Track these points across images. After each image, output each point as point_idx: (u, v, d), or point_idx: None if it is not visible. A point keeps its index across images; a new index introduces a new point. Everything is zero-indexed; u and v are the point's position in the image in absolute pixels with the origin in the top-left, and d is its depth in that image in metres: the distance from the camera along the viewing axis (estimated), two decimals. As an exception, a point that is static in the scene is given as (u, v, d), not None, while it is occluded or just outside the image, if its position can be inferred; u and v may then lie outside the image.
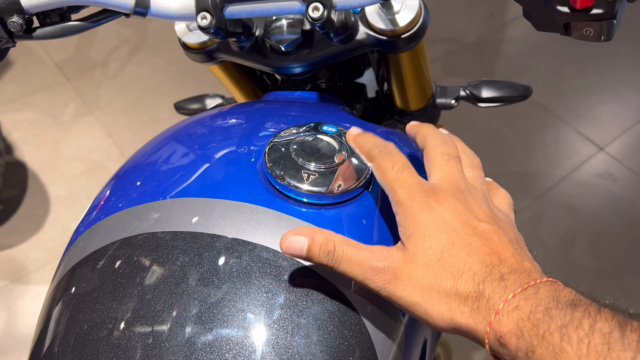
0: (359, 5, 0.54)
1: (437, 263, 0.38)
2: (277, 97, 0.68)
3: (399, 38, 0.63)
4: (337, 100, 0.69)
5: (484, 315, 0.35)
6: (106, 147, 1.89)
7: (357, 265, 0.39)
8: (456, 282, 0.36)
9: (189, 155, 0.56)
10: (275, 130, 0.56)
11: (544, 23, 0.43)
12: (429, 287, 0.37)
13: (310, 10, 0.52)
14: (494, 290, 0.35)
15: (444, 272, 0.37)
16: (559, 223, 1.71)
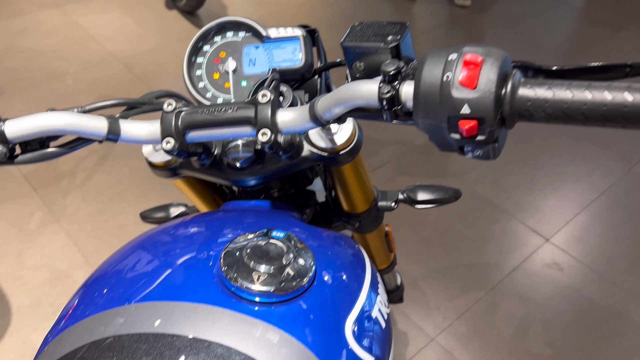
0: (301, 130, 0.64)
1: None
2: (234, 207, 0.77)
3: (337, 154, 0.73)
4: (288, 207, 0.78)
5: None
6: (71, 255, 1.91)
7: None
8: None
9: (152, 263, 0.63)
10: (231, 237, 0.64)
11: (444, 146, 0.53)
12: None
13: (259, 135, 0.62)
14: None
15: None
16: (513, 313, 1.78)
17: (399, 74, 0.53)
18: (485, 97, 0.48)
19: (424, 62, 0.51)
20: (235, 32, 0.84)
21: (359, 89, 0.57)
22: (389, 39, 0.57)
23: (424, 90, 0.50)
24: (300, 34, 0.81)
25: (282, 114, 0.64)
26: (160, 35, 3.02)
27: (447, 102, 0.49)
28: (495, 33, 3.11)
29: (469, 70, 0.48)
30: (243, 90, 0.82)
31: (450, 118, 0.50)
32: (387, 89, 0.53)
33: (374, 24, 0.60)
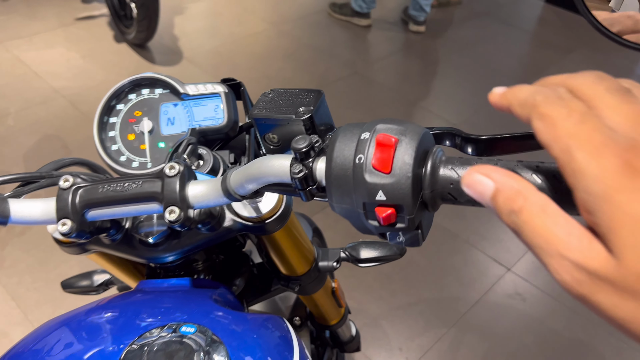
0: (215, 205, 0.57)
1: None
2: (149, 288, 0.69)
3: (264, 223, 0.67)
4: (213, 283, 0.71)
5: None
6: (9, 311, 1.78)
7: (542, 242, 0.28)
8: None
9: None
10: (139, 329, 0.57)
11: (365, 230, 0.47)
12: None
13: (166, 213, 0.55)
14: None
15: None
16: (476, 348, 1.73)
17: (311, 150, 0.47)
18: (401, 183, 0.42)
19: (335, 141, 0.46)
20: (151, 89, 0.77)
21: (270, 165, 0.50)
22: (300, 110, 0.51)
23: (335, 173, 0.45)
24: (222, 91, 0.75)
25: (193, 187, 0.57)
26: (109, 69, 2.92)
27: (361, 187, 0.43)
28: (450, 58, 3.12)
29: (382, 152, 0.42)
30: (161, 152, 0.75)
31: (365, 204, 0.44)
32: (299, 168, 0.47)
33: (287, 92, 0.54)
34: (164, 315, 0.60)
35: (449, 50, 3.20)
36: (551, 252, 0.27)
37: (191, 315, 0.59)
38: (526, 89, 0.32)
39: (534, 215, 0.28)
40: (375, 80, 2.91)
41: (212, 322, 0.58)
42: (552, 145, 0.28)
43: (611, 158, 0.25)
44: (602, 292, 0.25)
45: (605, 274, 0.25)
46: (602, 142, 0.26)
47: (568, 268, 0.26)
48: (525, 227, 0.29)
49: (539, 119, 0.29)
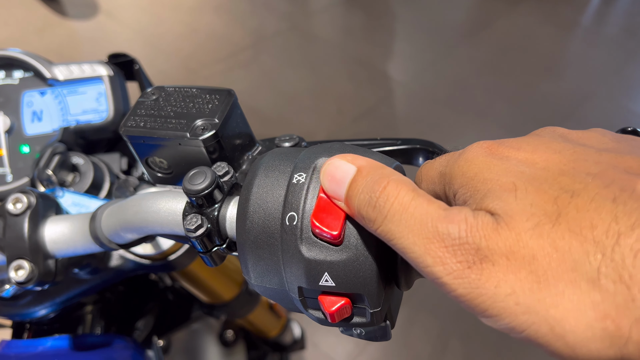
0: (85, 252, 0.39)
1: (559, 223, 0.20)
2: (17, 352, 0.50)
3: (167, 260, 0.49)
4: (102, 338, 0.53)
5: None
6: None
7: (414, 223, 0.22)
8: (605, 250, 0.18)
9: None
10: None
11: (304, 314, 0.31)
12: (554, 270, 0.19)
13: (11, 271, 0.37)
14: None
15: (577, 236, 0.19)
16: (430, 328, 1.64)
17: (216, 191, 0.30)
18: (359, 262, 0.26)
19: (253, 183, 0.28)
20: (7, 72, 0.56)
21: (153, 211, 0.33)
22: (198, 124, 0.33)
23: (253, 238, 0.27)
24: (105, 74, 0.55)
25: (51, 229, 0.39)
26: (12, 26, 2.56)
27: (294, 265, 0.26)
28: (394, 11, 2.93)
29: (327, 209, 0.26)
30: (25, 159, 0.55)
31: (302, 289, 0.27)
32: (197, 222, 0.29)
33: (179, 93, 0.35)
34: None
35: (393, 3, 3.00)
36: (428, 233, 0.22)
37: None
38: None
39: (403, 194, 0.23)
40: (317, 35, 2.68)
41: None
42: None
43: (479, 150, 0.24)
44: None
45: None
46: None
47: (455, 250, 0.21)
48: (390, 211, 0.23)
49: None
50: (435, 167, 0.27)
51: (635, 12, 2.93)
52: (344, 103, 2.24)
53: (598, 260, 0.18)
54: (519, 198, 0.21)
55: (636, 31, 2.76)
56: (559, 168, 0.22)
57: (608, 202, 0.19)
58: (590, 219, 0.19)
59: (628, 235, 0.18)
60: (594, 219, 0.19)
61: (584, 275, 0.19)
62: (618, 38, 2.72)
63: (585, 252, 0.19)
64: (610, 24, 2.85)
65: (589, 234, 0.19)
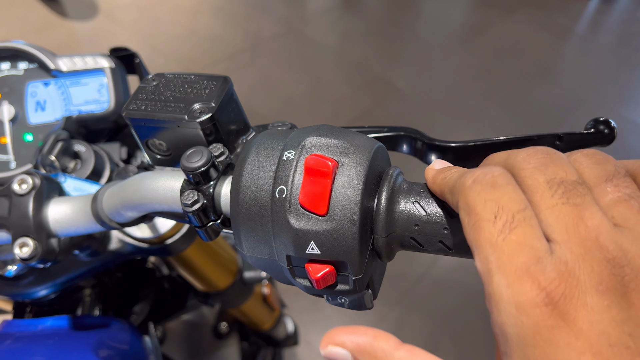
0: (86, 232, 0.41)
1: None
2: (16, 331, 0.52)
3: (164, 244, 0.51)
4: (100, 320, 0.55)
5: None
6: None
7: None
8: None
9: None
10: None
11: (291, 284, 0.33)
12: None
13: (16, 247, 0.39)
14: None
15: None
16: (421, 327, 1.66)
17: (212, 169, 0.32)
18: (343, 231, 0.28)
19: (246, 160, 0.30)
20: (13, 64, 0.58)
21: (152, 188, 0.35)
22: (196, 107, 0.35)
23: (245, 210, 0.30)
24: (107, 66, 0.57)
25: (55, 209, 0.41)
26: (12, 25, 2.58)
27: (283, 234, 0.28)
28: (391, 16, 2.96)
29: (313, 183, 0.28)
30: (28, 147, 0.57)
31: (291, 258, 0.29)
32: (193, 197, 0.31)
33: (178, 79, 0.38)
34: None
35: (390, 8, 3.04)
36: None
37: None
38: (456, 171, 0.26)
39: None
40: (313, 39, 2.71)
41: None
42: (474, 251, 0.22)
43: (531, 290, 0.19)
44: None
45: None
46: (525, 265, 0.20)
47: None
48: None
49: (464, 210, 0.23)
50: (447, 184, 0.26)
51: (628, 20, 2.97)
52: (339, 106, 2.27)
53: None
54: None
55: (629, 39, 2.79)
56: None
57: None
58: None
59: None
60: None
61: None
62: (612, 46, 2.76)
63: None
64: (604, 32, 2.89)
65: None
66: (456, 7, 3.09)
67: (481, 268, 0.22)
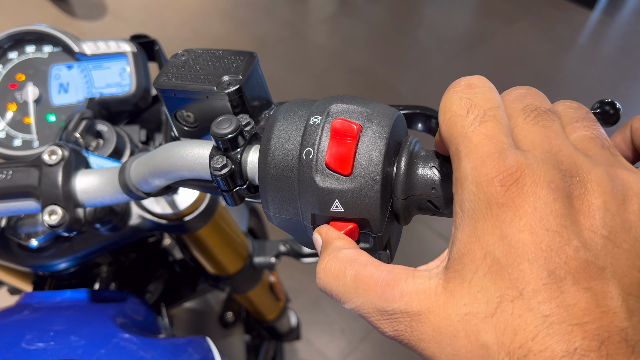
0: (111, 202, 0.43)
1: (485, 325, 0.21)
2: (37, 302, 0.54)
3: (182, 221, 0.53)
4: (118, 294, 0.56)
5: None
6: None
7: (359, 304, 0.25)
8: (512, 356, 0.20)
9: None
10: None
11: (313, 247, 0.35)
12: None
13: (45, 215, 0.40)
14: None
15: (498, 344, 0.21)
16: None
17: (240, 137, 0.34)
18: (366, 190, 0.29)
19: (274, 125, 0.32)
20: (38, 47, 0.60)
21: (182, 155, 0.37)
22: (225, 79, 0.37)
23: (273, 172, 0.32)
24: (129, 50, 0.59)
25: (82, 180, 0.42)
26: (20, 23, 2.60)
27: (310, 194, 0.30)
28: (395, 23, 3.00)
29: (339, 145, 0.30)
30: (51, 127, 0.59)
31: (315, 217, 0.31)
32: (222, 162, 0.33)
33: (207, 54, 0.40)
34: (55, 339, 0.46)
35: (393, 15, 3.07)
36: (373, 308, 0.25)
37: (86, 344, 0.45)
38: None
39: (350, 271, 0.26)
40: (318, 43, 2.75)
41: (111, 354, 0.45)
42: (448, 145, 0.25)
43: (491, 171, 0.22)
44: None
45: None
46: (490, 152, 0.22)
47: (392, 322, 0.24)
48: (347, 292, 0.26)
49: (441, 112, 0.26)
50: (451, 132, 0.27)
51: (630, 32, 3.01)
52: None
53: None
54: (477, 273, 0.22)
55: (631, 51, 2.83)
56: (533, 253, 0.21)
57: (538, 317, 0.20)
58: (514, 329, 0.20)
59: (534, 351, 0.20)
60: (516, 328, 0.20)
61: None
62: (613, 57, 2.79)
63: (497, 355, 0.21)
64: (605, 43, 2.93)
65: (507, 341, 0.20)
66: (458, 16, 3.13)
67: (452, 157, 0.24)
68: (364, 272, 0.26)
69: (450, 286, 0.23)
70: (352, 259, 0.27)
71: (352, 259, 0.27)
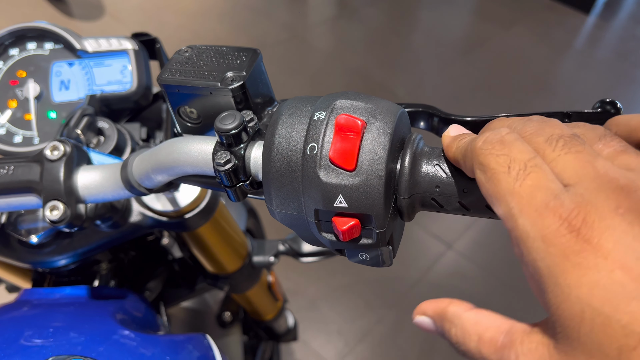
0: (113, 198, 0.43)
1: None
2: (36, 299, 0.54)
3: (183, 218, 0.53)
4: (117, 291, 0.56)
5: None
6: None
7: (469, 351, 0.26)
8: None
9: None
10: None
11: (316, 242, 0.35)
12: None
13: (47, 210, 0.40)
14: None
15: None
16: (417, 331, 1.68)
17: (243, 132, 0.34)
18: (370, 185, 0.30)
19: (278, 121, 0.32)
20: (39, 44, 0.60)
21: (185, 151, 0.37)
22: (228, 75, 0.37)
23: (277, 167, 0.32)
24: (130, 48, 0.59)
25: (84, 175, 0.42)
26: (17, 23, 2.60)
27: (313, 189, 0.31)
28: (393, 26, 3.01)
29: (343, 141, 0.30)
30: (51, 124, 0.59)
31: (319, 212, 0.31)
32: (225, 157, 0.33)
33: (211, 50, 0.40)
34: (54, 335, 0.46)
35: (391, 18, 3.08)
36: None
37: (86, 340, 0.45)
38: (468, 137, 0.28)
39: (458, 330, 0.27)
40: (317, 45, 2.75)
41: (111, 351, 0.45)
42: (495, 204, 0.24)
43: (554, 222, 0.21)
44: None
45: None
46: (544, 202, 0.22)
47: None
48: (458, 343, 0.27)
49: (479, 169, 0.25)
50: (460, 150, 0.28)
51: (626, 37, 3.03)
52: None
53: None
54: (585, 333, 0.20)
55: (627, 55, 2.84)
56: (636, 289, 0.19)
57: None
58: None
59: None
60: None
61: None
62: (609, 61, 2.81)
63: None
64: (601, 48, 2.94)
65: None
66: (455, 19, 3.14)
67: (505, 216, 0.23)
68: (486, 337, 0.25)
69: (561, 346, 0.21)
70: (476, 325, 0.26)
71: (476, 325, 0.26)
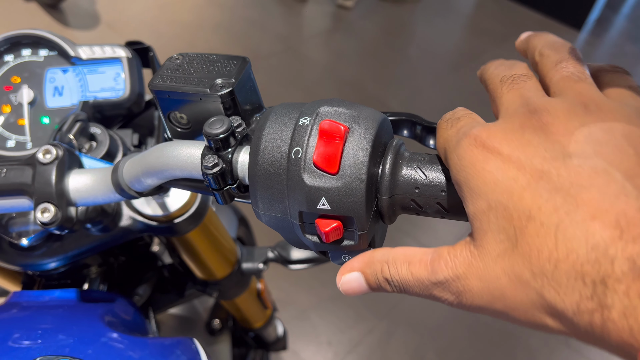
0: (104, 202, 0.43)
1: (513, 257, 0.24)
2: (25, 301, 0.54)
3: (172, 223, 0.54)
4: (106, 295, 0.57)
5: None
6: None
7: (418, 287, 0.29)
8: (550, 287, 0.22)
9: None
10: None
11: (301, 245, 0.36)
12: (511, 298, 0.24)
13: (38, 212, 0.41)
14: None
15: (524, 271, 0.23)
16: (407, 342, 1.68)
17: (231, 137, 0.35)
18: (351, 188, 0.31)
19: (264, 126, 0.34)
20: (34, 50, 0.61)
21: (175, 155, 0.38)
22: (218, 82, 0.38)
23: (263, 170, 0.33)
24: (124, 55, 0.60)
25: (75, 179, 0.43)
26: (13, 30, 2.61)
27: (297, 192, 0.32)
28: (386, 39, 3.04)
29: (327, 145, 0.31)
30: (44, 129, 0.60)
31: (302, 214, 0.32)
32: (213, 161, 0.34)
33: (201, 58, 0.41)
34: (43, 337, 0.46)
35: (385, 31, 3.12)
36: (428, 288, 0.28)
37: (74, 342, 0.45)
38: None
39: (400, 271, 0.30)
40: (310, 57, 2.78)
41: (99, 352, 0.45)
42: (440, 152, 0.32)
43: (468, 142, 0.28)
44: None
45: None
46: (465, 134, 0.28)
47: (445, 290, 0.27)
48: (402, 285, 0.30)
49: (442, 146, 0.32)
50: (440, 142, 0.32)
51: (617, 53, 3.07)
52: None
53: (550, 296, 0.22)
54: (492, 222, 0.25)
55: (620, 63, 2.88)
56: (526, 182, 0.24)
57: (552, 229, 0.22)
58: (539, 250, 0.22)
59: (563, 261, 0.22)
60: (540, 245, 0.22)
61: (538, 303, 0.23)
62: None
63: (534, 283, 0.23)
64: (596, 56, 2.99)
65: (537, 265, 0.22)
66: (448, 34, 3.18)
67: (442, 157, 0.31)
68: (415, 260, 0.29)
69: (478, 242, 0.25)
70: (404, 255, 0.30)
71: (404, 254, 0.30)
